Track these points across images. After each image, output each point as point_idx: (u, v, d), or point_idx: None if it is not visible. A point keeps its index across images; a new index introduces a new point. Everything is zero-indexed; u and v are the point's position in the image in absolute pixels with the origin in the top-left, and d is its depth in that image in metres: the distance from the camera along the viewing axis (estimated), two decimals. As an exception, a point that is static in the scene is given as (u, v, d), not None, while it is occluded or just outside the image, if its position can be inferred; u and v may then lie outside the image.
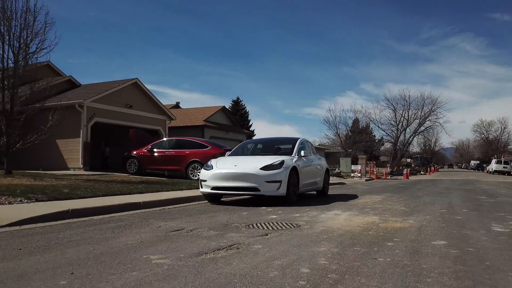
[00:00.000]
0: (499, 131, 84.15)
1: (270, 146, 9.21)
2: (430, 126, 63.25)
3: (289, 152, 8.32)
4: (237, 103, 61.51)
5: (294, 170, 7.54)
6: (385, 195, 10.35)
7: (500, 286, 2.46)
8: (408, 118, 61.91)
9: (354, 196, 9.67)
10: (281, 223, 4.99)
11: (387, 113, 60.01)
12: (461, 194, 10.92)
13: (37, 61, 12.85)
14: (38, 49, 12.16)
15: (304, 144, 9.05)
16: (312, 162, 9.03)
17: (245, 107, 62.33)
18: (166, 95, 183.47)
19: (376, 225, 4.91)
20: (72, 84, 19.80)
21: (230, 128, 29.13)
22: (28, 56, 12.07)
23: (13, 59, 11.89)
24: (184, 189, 9.98)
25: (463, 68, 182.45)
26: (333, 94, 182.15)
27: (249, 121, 61.38)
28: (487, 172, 53.54)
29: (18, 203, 6.49)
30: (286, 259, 3.03)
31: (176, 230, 4.39)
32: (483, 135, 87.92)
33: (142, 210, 6.51)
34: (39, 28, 12.05)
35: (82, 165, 16.29)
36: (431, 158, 76.54)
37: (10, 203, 6.47)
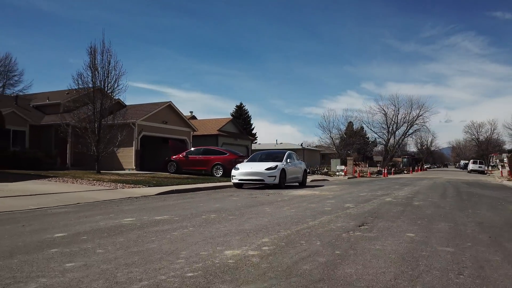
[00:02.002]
0: (489, 132, 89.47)
1: (269, 156, 15.45)
2: (418, 129, 69.43)
3: (280, 159, 14.52)
4: (240, 108, 67.83)
5: (283, 170, 13.73)
6: (343, 186, 16.53)
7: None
8: (397, 122, 67.87)
9: (321, 186, 15.87)
10: (275, 193, 11.22)
11: (379, 117, 65.62)
12: (384, 185, 17.09)
13: (113, 96, 19.18)
14: (115, 91, 18.58)
15: (290, 155, 15.28)
16: (295, 166, 15.26)
17: (248, 112, 68.63)
18: (167, 95, 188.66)
19: (315, 194, 11.13)
20: (120, 105, 26.03)
21: (238, 135, 35.46)
22: (110, 94, 18.42)
23: (101, 97, 18.25)
24: (216, 182, 16.18)
25: (464, 67, 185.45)
26: (334, 93, 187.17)
27: (251, 124, 67.72)
28: (467, 171, 59.61)
29: (141, 188, 12.66)
30: (274, 198, 9.24)
31: (231, 195, 10.59)
32: (474, 136, 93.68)
33: (204, 191, 12.71)
34: (116, 77, 18.41)
35: (134, 167, 22.55)
36: (419, 158, 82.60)
37: (138, 187, 12.66)
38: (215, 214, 6.35)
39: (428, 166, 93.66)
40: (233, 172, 13.88)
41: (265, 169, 13.39)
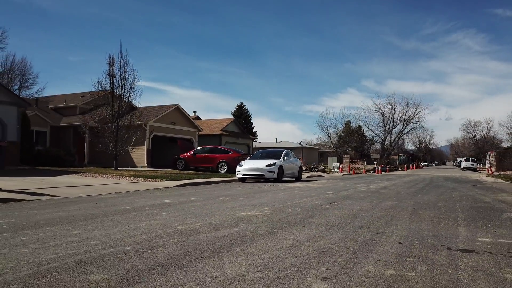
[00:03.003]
0: (486, 130, 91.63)
1: (269, 154, 17.72)
2: (414, 128, 71.70)
3: (278, 157, 16.76)
4: (241, 107, 70.09)
5: (281, 167, 15.97)
6: (334, 181, 18.78)
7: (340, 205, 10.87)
8: (393, 120, 70.07)
9: (314, 181, 18.13)
10: (273, 185, 13.46)
11: (377, 116, 67.77)
12: (370, 180, 19.34)
13: (128, 101, 21.45)
14: (130, 96, 20.88)
15: (287, 153, 17.55)
16: (291, 163, 17.52)
17: (248, 111, 70.87)
18: (167, 93, 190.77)
19: (309, 187, 13.38)
20: (131, 107, 28.27)
21: (240, 135, 37.75)
22: (125, 99, 20.72)
23: (118, 101, 20.51)
24: (222, 177, 18.42)
25: (464, 65, 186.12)
26: (334, 91, 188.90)
27: (252, 123, 69.96)
28: (460, 169, 61.88)
29: (160, 181, 14.89)
30: (273, 188, 11.48)
31: (237, 187, 12.84)
32: (470, 134, 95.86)
33: (214, 184, 14.93)
34: (132, 84, 20.70)
35: (146, 164, 24.81)
36: (415, 156, 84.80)
37: (157, 181, 14.88)
38: (229, 197, 8.62)
39: (425, 164, 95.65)
40: (238, 168, 16.13)
41: (265, 166, 15.64)
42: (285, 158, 16.88)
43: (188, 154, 23.65)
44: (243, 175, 15.86)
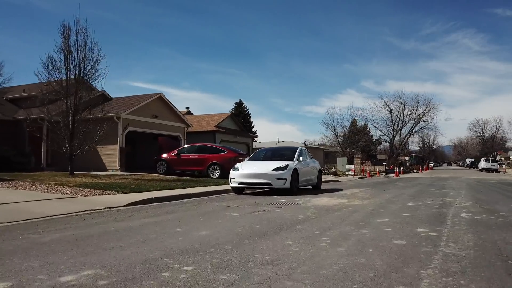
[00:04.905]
0: (494, 129, 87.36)
1: (276, 153, 12.59)
2: (424, 126, 66.70)
3: (291, 157, 11.65)
4: (240, 105, 64.97)
5: (295, 171, 10.86)
6: (364, 189, 13.69)
7: (389, 210, 5.76)
8: (403, 119, 65.22)
9: (339, 189, 13.01)
10: (287, 203, 8.34)
11: (384, 114, 63.41)
12: (420, 189, 14.23)
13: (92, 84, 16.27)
14: (93, 77, 15.66)
15: (302, 151, 12.40)
16: (308, 165, 12.38)
17: (248, 109, 65.79)
18: (166, 94, 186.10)
19: (344, 204, 8.26)
20: (105, 97, 23.14)
21: (238, 132, 32.54)
22: (86, 83, 15.52)
23: (75, 84, 15.34)
24: (212, 185, 13.30)
25: (464, 65, 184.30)
26: (333, 92, 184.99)
27: (251, 122, 64.86)
28: (478, 170, 56.86)
29: (113, 194, 9.81)
30: (292, 214, 6.37)
31: (229, 206, 7.73)
32: (479, 134, 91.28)
33: (195, 198, 9.80)
34: (94, 61, 15.50)
35: (119, 167, 19.65)
36: (425, 156, 79.85)
37: (108, 194, 9.80)
38: (192, 265, 3.38)
39: (433, 164, 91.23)
40: (232, 173, 11.00)
41: (273, 170, 10.53)
42: (301, 158, 11.76)
43: (171, 154, 18.49)
44: (240, 184, 10.74)
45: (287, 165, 10.68)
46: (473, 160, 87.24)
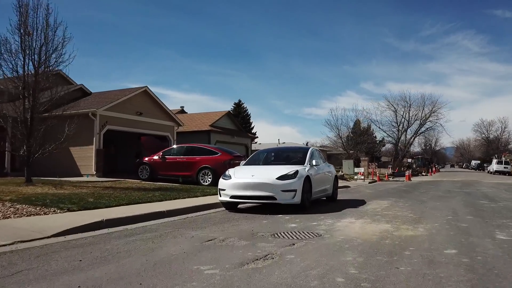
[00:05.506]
0: (500, 130, 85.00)
1: (282, 155, 9.71)
2: (431, 127, 63.94)
3: (300, 161, 8.79)
4: (239, 106, 62.17)
5: (307, 179, 8.00)
6: (391, 200, 10.81)
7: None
8: (409, 119, 62.58)
9: (362, 202, 10.12)
10: (302, 232, 5.45)
11: (388, 114, 60.81)
12: (463, 199, 11.36)
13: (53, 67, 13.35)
14: (56, 63, 12.74)
15: (314, 153, 9.52)
16: (322, 170, 9.51)
17: (247, 110, 63.00)
18: (166, 97, 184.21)
19: (390, 233, 5.37)
20: (83, 92, 20.29)
21: (235, 132, 29.62)
22: (47, 69, 12.61)
23: (33, 72, 12.45)
24: (199, 196, 10.44)
25: (464, 66, 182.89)
26: (333, 93, 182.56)
27: (251, 123, 62.03)
28: (488, 172, 54.00)
29: (52, 214, 6.95)
30: (320, 269, 3.49)
31: (209, 240, 4.85)
32: (483, 135, 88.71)
33: (168, 219, 6.94)
34: (58, 43, 12.60)
35: (95, 172, 16.76)
36: (431, 159, 77.04)
37: (45, 213, 6.93)
38: None
39: (440, 166, 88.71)
40: (222, 182, 8.09)
41: (277, 178, 7.64)
42: (313, 162, 8.85)
43: (156, 157, 15.60)
44: (232, 197, 7.83)
45: (296, 172, 7.80)
46: (478, 162, 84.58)
